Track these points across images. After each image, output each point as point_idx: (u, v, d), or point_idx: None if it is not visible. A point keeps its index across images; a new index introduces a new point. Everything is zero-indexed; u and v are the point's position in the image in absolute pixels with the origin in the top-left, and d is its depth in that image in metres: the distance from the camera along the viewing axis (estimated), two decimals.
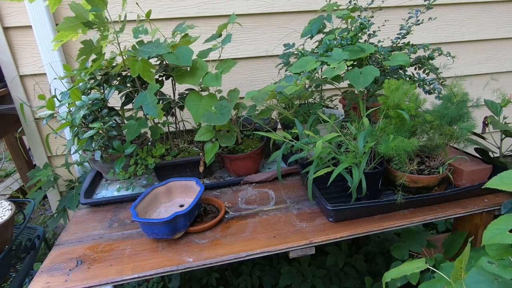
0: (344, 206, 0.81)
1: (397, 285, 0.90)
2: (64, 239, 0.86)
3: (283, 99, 1.03)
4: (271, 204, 0.95)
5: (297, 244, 0.77)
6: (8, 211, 0.98)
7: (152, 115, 0.91)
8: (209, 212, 0.92)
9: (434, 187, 0.86)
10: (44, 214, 2.05)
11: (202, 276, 1.46)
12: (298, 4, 1.43)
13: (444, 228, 1.62)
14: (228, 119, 0.94)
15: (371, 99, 1.03)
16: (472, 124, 0.85)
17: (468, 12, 1.61)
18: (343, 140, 0.86)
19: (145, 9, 1.05)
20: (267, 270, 1.48)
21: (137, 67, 0.92)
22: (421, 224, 0.85)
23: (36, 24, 1.24)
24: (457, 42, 1.66)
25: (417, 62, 1.00)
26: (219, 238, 0.81)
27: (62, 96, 1.03)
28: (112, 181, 1.15)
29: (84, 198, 1.01)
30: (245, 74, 1.51)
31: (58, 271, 0.74)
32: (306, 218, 0.86)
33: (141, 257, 0.77)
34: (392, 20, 1.06)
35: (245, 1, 1.38)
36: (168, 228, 0.78)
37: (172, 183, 0.96)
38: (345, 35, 0.92)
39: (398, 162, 0.85)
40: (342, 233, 0.79)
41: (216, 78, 0.97)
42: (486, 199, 0.89)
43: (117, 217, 0.95)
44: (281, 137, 0.89)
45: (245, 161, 1.06)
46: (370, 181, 0.83)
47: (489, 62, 1.74)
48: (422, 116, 0.87)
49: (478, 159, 0.97)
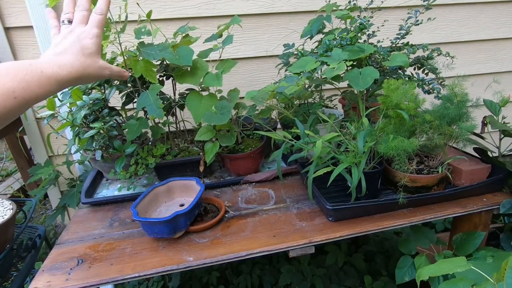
0: (343, 206, 0.82)
1: (405, 280, 0.90)
2: (65, 238, 0.86)
3: (283, 99, 1.03)
4: (271, 204, 0.95)
5: (297, 243, 0.77)
6: (9, 210, 0.99)
7: (156, 115, 0.91)
8: (209, 212, 0.92)
9: (433, 186, 0.86)
10: (45, 214, 2.05)
11: (203, 275, 1.47)
12: (298, 4, 1.43)
13: (443, 227, 1.63)
14: (228, 119, 0.94)
15: (370, 99, 1.04)
16: (472, 125, 0.85)
17: (467, 12, 1.62)
18: (342, 140, 0.86)
19: (145, 9, 1.05)
20: (267, 269, 1.48)
21: (139, 67, 0.92)
22: (421, 223, 0.85)
23: (38, 25, 1.24)
24: (456, 42, 1.66)
25: (416, 62, 1.00)
26: (219, 237, 0.82)
27: (63, 96, 1.04)
28: (113, 180, 1.15)
29: (85, 197, 1.01)
30: (245, 74, 1.51)
31: (59, 270, 0.74)
32: (306, 218, 0.87)
33: (142, 256, 0.77)
34: (391, 20, 1.07)
35: (245, 2, 1.39)
36: (169, 227, 0.78)
37: (172, 182, 0.96)
38: (344, 35, 0.92)
39: (397, 162, 0.86)
40: (342, 233, 0.80)
41: (217, 78, 0.97)
42: (485, 199, 0.89)
43: (117, 216, 0.95)
44: (281, 136, 0.90)
45: (245, 160, 1.06)
46: (370, 181, 0.83)
47: (488, 62, 1.74)
48: (421, 116, 0.88)
49: (477, 159, 0.97)
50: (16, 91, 0.41)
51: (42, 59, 0.47)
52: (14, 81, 0.41)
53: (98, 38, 0.54)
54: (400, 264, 0.93)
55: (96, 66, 0.52)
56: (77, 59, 0.50)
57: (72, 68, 0.48)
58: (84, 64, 0.50)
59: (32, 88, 0.43)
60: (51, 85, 0.46)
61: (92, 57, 0.52)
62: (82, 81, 0.52)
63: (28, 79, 0.43)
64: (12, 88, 0.40)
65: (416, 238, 0.96)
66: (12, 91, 0.40)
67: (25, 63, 0.44)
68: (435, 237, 0.96)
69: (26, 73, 0.43)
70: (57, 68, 0.47)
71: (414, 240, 0.96)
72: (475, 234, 0.88)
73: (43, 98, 0.45)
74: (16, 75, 0.41)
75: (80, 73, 0.49)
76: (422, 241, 0.95)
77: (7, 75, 0.40)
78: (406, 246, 0.96)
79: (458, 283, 0.62)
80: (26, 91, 0.42)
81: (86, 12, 0.55)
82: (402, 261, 0.94)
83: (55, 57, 0.48)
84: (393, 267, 0.95)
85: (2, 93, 0.39)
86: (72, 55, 0.49)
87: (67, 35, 0.52)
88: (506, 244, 0.90)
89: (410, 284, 0.97)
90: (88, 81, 0.54)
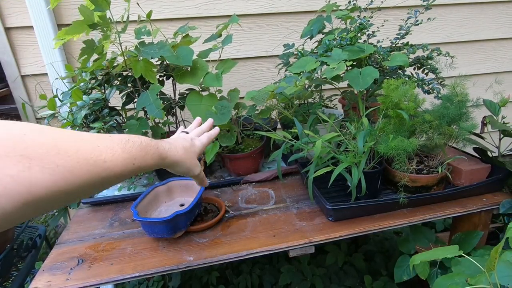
0: (343, 206, 0.82)
1: (404, 279, 0.91)
2: (65, 238, 0.87)
3: (283, 99, 1.03)
4: (271, 204, 0.95)
5: (297, 243, 0.78)
6: None
7: (156, 116, 0.91)
8: (209, 211, 0.93)
9: (433, 186, 0.86)
10: (45, 213, 2.05)
11: (203, 275, 1.47)
12: (298, 4, 1.44)
13: (443, 227, 1.63)
14: (228, 119, 0.94)
15: (370, 99, 1.04)
16: (473, 124, 0.85)
17: (466, 12, 1.62)
18: (342, 140, 0.86)
19: (146, 10, 1.05)
20: (267, 269, 1.48)
21: (139, 67, 0.93)
22: (420, 223, 0.86)
23: (38, 24, 1.24)
24: (456, 42, 1.67)
25: (416, 62, 1.00)
26: (219, 237, 0.82)
27: (63, 96, 1.04)
28: None
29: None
30: (245, 74, 1.52)
31: (59, 270, 0.74)
32: (306, 217, 0.87)
33: (142, 256, 0.77)
34: (391, 20, 1.07)
35: (245, 2, 1.39)
36: (169, 227, 0.78)
37: (172, 182, 0.96)
38: (344, 35, 0.92)
39: (397, 162, 0.86)
40: (342, 232, 0.80)
41: (217, 78, 0.97)
42: (485, 198, 0.90)
43: (118, 216, 0.95)
44: (281, 136, 0.90)
45: (245, 160, 1.07)
46: (370, 181, 0.84)
47: (488, 62, 1.74)
48: (421, 116, 0.88)
49: (476, 159, 0.97)
50: (137, 159, 0.45)
51: (156, 141, 0.55)
52: (137, 150, 0.45)
53: (203, 147, 0.70)
54: (399, 263, 0.94)
55: (193, 162, 0.65)
56: (184, 151, 0.61)
57: (177, 153, 0.59)
58: (186, 155, 0.62)
59: (147, 158, 0.48)
60: (158, 159, 0.52)
61: (194, 155, 0.65)
62: (177, 167, 0.61)
63: (148, 150, 0.48)
64: (135, 156, 0.44)
65: (416, 238, 0.97)
66: (134, 157, 0.44)
67: (147, 138, 0.50)
68: (434, 237, 0.96)
69: (147, 145, 0.48)
70: (167, 148, 0.56)
71: (413, 240, 0.97)
72: (474, 233, 0.89)
73: (146, 170, 0.49)
74: (140, 144, 0.47)
75: (180, 160, 0.60)
76: (422, 241, 0.96)
77: (133, 146, 0.45)
78: (405, 246, 0.97)
79: (455, 277, 0.63)
80: (143, 159, 0.46)
81: (202, 132, 0.75)
82: (401, 260, 0.94)
83: (166, 143, 0.57)
84: (393, 266, 0.95)
85: (126, 157, 0.43)
86: (182, 147, 0.61)
87: (182, 137, 0.68)
88: (506, 243, 0.90)
89: (409, 283, 0.97)
90: (179, 171, 0.63)
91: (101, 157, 0.38)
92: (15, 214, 0.30)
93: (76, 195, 0.37)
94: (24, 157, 0.31)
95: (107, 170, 0.39)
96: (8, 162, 0.30)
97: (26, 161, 0.31)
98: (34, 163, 0.31)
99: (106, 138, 0.41)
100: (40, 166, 0.31)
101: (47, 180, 0.32)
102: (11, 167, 0.30)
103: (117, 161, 0.41)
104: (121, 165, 0.41)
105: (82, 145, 0.37)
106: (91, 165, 0.37)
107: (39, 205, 0.32)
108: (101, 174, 0.38)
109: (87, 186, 0.37)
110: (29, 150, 0.31)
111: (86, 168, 0.36)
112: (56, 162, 0.33)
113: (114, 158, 0.40)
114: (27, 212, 0.32)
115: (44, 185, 0.32)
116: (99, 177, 0.38)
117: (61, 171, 0.33)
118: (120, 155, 0.41)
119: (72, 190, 0.35)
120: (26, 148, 0.31)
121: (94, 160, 0.37)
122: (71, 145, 0.36)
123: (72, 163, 0.35)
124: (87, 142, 0.38)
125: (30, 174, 0.31)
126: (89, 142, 0.38)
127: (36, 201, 0.31)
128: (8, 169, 0.29)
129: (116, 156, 0.41)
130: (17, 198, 0.30)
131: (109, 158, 0.39)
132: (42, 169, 0.32)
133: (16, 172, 0.30)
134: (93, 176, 0.37)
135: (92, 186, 0.38)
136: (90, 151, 0.37)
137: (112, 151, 0.40)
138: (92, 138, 0.39)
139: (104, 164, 0.38)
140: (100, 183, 0.39)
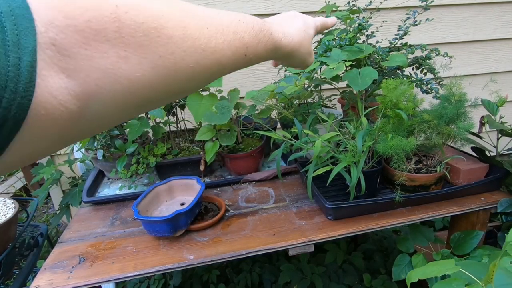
0: (342, 204, 0.83)
1: (402, 277, 0.91)
2: (67, 237, 0.87)
3: (283, 99, 1.04)
4: (270, 202, 0.96)
5: (297, 242, 0.78)
6: (12, 209, 0.99)
7: (156, 115, 0.92)
8: (209, 210, 0.93)
9: (431, 185, 0.87)
10: (47, 212, 2.06)
11: (203, 273, 1.48)
12: (297, 5, 1.44)
13: (441, 226, 1.64)
14: (228, 119, 0.95)
15: (369, 98, 1.05)
16: (471, 124, 0.86)
17: (464, 13, 1.62)
18: (341, 139, 0.87)
19: None
20: (267, 267, 1.49)
21: None
22: (419, 222, 0.86)
23: None
24: (454, 43, 1.67)
25: (415, 63, 1.01)
26: (220, 236, 0.83)
27: None
28: (114, 179, 1.16)
29: (86, 196, 1.02)
30: (245, 74, 1.52)
31: (61, 268, 0.75)
32: (305, 216, 0.88)
33: (143, 255, 0.78)
34: (390, 21, 1.08)
35: (245, 3, 1.40)
36: (169, 226, 0.79)
37: (173, 181, 0.97)
38: (343, 35, 0.93)
39: (396, 161, 0.87)
40: (341, 231, 0.80)
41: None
42: (483, 197, 0.90)
43: (119, 215, 0.96)
44: (281, 136, 0.91)
45: (245, 160, 1.07)
46: (368, 180, 0.84)
47: (486, 62, 1.75)
48: (420, 116, 0.88)
49: (474, 158, 0.98)
50: (249, 48, 0.34)
51: (268, 22, 0.43)
52: (250, 36, 0.34)
53: (317, 29, 0.58)
54: (398, 262, 0.95)
55: (309, 49, 0.52)
56: (298, 33, 0.48)
57: (292, 39, 0.46)
58: (303, 39, 0.49)
59: (259, 48, 0.37)
60: (271, 50, 0.42)
61: (310, 39, 0.53)
62: (290, 59, 0.49)
63: (260, 38, 0.37)
64: (247, 44, 0.34)
65: (414, 236, 0.97)
66: (246, 46, 0.34)
67: (258, 20, 0.38)
68: (433, 236, 0.97)
69: (260, 30, 0.37)
70: (281, 34, 0.43)
71: (412, 239, 0.97)
72: (473, 233, 0.89)
73: (257, 62, 0.40)
74: (253, 29, 0.35)
75: (296, 47, 0.48)
76: (420, 239, 0.96)
77: (245, 30, 0.34)
78: (404, 245, 0.97)
79: (452, 283, 0.63)
80: (255, 49, 0.36)
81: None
82: (399, 259, 0.95)
83: (278, 26, 0.44)
84: (391, 265, 0.96)
85: (238, 46, 0.32)
86: (296, 30, 0.48)
87: (291, 14, 0.53)
88: (503, 242, 0.91)
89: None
90: (292, 63, 0.52)
91: (211, 44, 0.29)
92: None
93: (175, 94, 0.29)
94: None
95: (216, 63, 0.30)
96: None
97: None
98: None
99: (214, 15, 0.31)
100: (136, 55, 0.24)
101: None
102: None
103: (229, 51, 0.31)
104: (232, 55, 0.32)
105: (189, 22, 0.27)
106: (200, 54, 0.28)
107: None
108: (211, 68, 0.30)
109: (186, 82, 0.29)
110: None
111: (194, 58, 0.27)
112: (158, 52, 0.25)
113: (225, 46, 0.30)
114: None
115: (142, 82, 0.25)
116: (208, 72, 0.30)
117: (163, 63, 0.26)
118: (232, 42, 0.31)
119: (172, 89, 0.28)
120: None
121: (203, 49, 0.28)
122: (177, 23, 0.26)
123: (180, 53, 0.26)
124: (194, 19, 0.28)
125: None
126: (196, 20, 0.28)
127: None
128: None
129: (226, 43, 0.31)
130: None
131: (219, 47, 0.30)
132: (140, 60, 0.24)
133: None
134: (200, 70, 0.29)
135: (196, 82, 0.30)
136: (197, 36, 0.28)
137: (222, 36, 0.30)
138: (198, 12, 0.29)
139: (212, 56, 0.29)
140: (204, 79, 0.31)
